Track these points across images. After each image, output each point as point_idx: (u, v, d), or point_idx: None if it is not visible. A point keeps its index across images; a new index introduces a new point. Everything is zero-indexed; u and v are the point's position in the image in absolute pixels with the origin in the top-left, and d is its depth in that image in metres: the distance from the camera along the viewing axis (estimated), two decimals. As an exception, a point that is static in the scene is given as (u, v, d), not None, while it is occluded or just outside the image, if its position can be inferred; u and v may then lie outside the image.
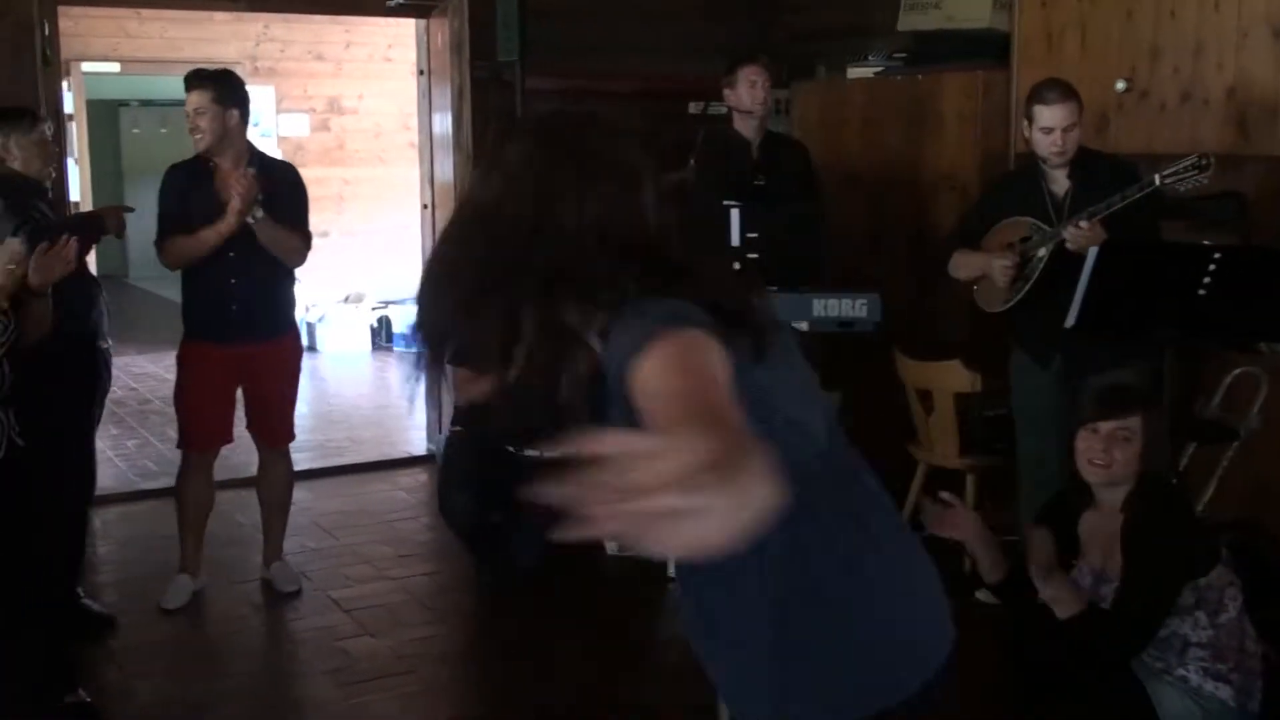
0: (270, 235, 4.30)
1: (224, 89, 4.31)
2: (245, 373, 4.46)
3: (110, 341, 4.43)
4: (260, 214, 4.24)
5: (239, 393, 4.53)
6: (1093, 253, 3.68)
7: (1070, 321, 3.77)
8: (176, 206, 4.33)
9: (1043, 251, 4.04)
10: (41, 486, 3.57)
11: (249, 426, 4.61)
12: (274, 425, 4.59)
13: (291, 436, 4.68)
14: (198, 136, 4.31)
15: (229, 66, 8.70)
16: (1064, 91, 4.02)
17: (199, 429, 4.48)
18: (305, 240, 4.45)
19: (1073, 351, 4.02)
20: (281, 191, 4.36)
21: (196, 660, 4.13)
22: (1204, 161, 3.65)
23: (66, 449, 3.99)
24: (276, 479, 4.67)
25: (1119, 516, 2.94)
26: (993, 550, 3.11)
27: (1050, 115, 4.01)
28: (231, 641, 4.30)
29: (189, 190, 4.33)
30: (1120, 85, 4.73)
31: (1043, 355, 4.19)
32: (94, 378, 4.28)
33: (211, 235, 4.24)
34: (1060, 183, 4.08)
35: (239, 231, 4.22)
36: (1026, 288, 4.10)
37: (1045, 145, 4.04)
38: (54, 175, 4.35)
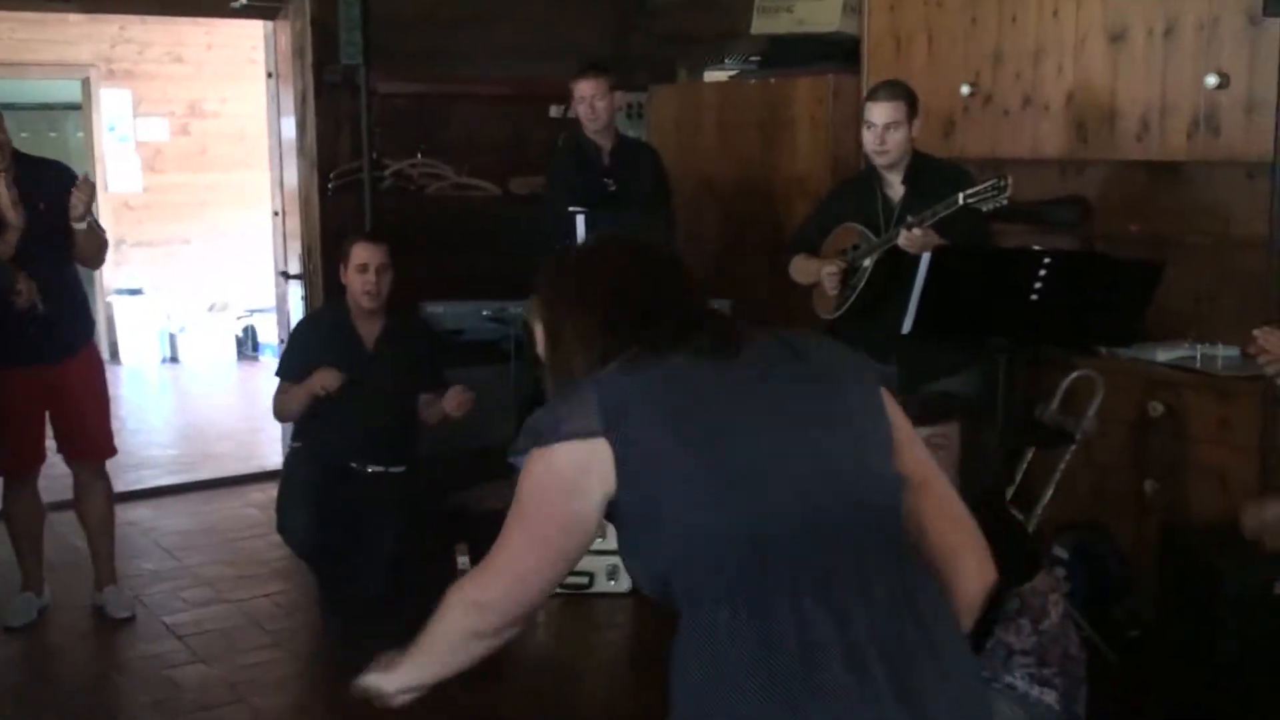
0: (94, 241, 4.15)
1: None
2: (50, 395, 4.24)
3: None
4: (91, 219, 4.06)
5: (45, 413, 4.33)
6: (926, 259, 3.67)
7: (906, 328, 3.76)
8: None
9: (868, 261, 4.02)
10: None
11: (59, 449, 4.41)
12: (87, 443, 4.39)
13: (109, 452, 4.48)
14: None
15: (83, 69, 8.44)
16: (890, 90, 4.03)
17: (18, 456, 4.30)
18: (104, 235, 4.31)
19: (904, 360, 4.01)
20: (67, 191, 4.05)
21: (13, 691, 3.93)
22: (1002, 183, 3.67)
23: None
24: (95, 499, 4.46)
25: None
26: None
27: (873, 111, 4.02)
28: (53, 672, 4.10)
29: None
30: (965, 90, 4.75)
31: (878, 360, 4.18)
32: None
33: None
34: (895, 188, 4.07)
35: (29, 245, 3.98)
36: (852, 297, 4.08)
37: (868, 142, 4.05)
38: None
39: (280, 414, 4.74)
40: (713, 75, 5.86)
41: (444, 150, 6.20)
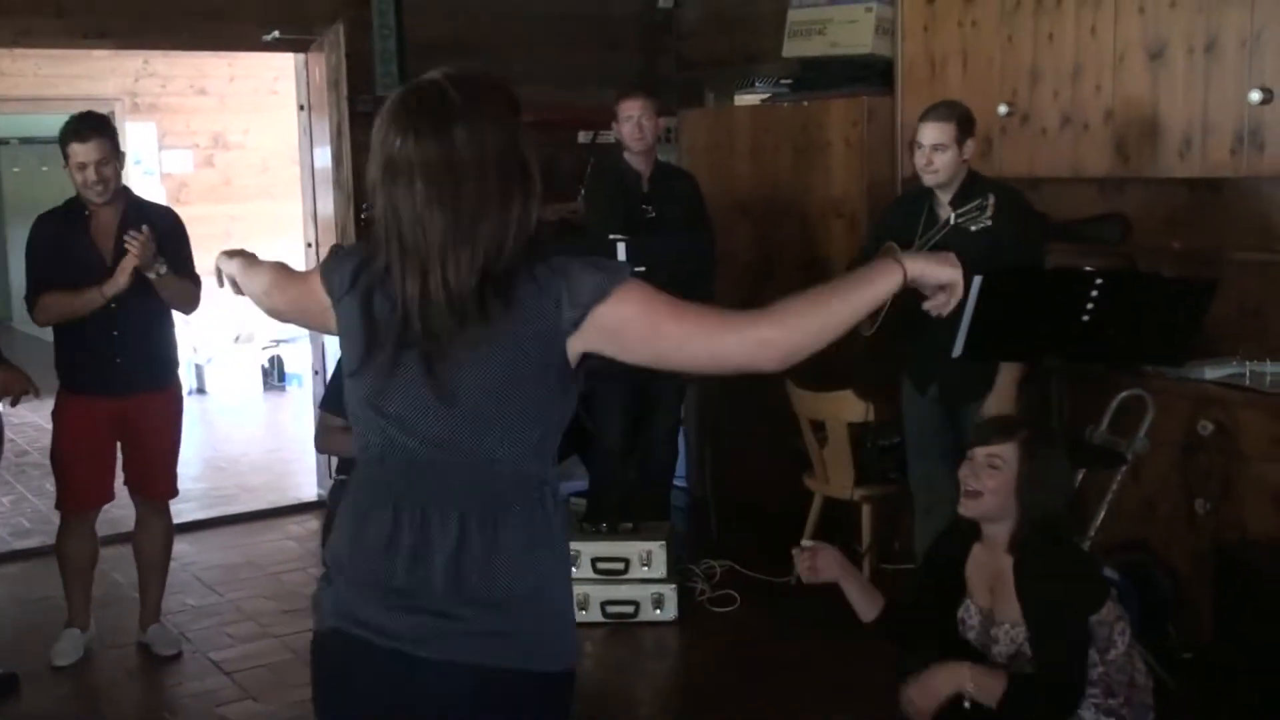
0: (173, 289, 4.17)
1: (115, 135, 4.17)
2: (126, 427, 4.27)
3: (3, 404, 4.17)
4: (164, 269, 4.09)
5: (118, 446, 4.34)
6: (977, 282, 3.64)
7: (957, 351, 3.74)
8: (53, 262, 4.14)
9: None
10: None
11: (127, 481, 4.41)
12: (155, 481, 4.39)
13: (174, 493, 4.49)
14: (99, 189, 4.09)
15: (109, 103, 8.50)
16: (940, 112, 4.04)
17: (78, 491, 4.29)
18: (198, 285, 4.30)
19: (949, 377, 4.00)
20: (167, 239, 4.17)
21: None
22: (984, 203, 3.77)
23: None
24: (155, 537, 4.47)
25: (1005, 557, 2.89)
26: (863, 588, 3.07)
27: (922, 132, 4.04)
28: (104, 712, 4.09)
29: (64, 241, 4.16)
30: (1003, 110, 4.73)
31: (920, 382, 4.19)
32: None
33: (96, 296, 4.07)
34: (944, 208, 4.06)
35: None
36: (880, 317, 4.07)
37: (916, 161, 4.07)
38: None
39: (325, 448, 4.72)
40: (743, 99, 5.85)
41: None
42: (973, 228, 3.80)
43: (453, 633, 1.79)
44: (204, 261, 4.46)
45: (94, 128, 4.09)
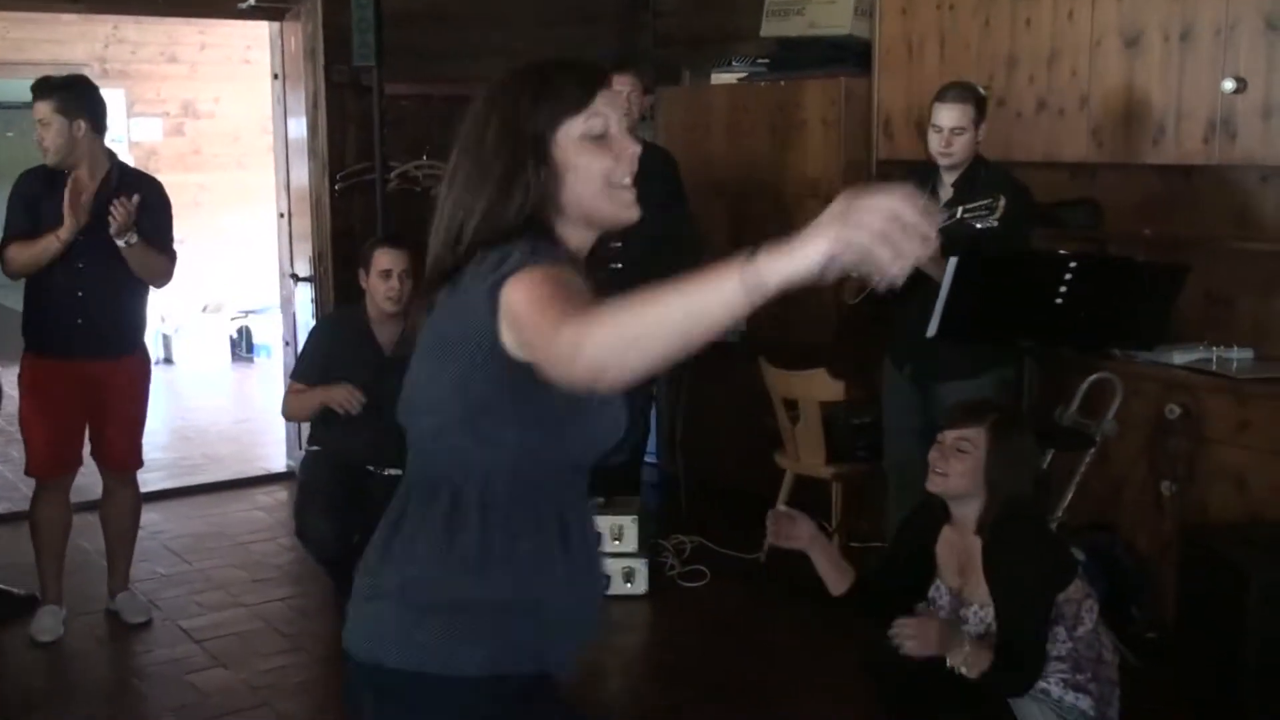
0: (141, 259, 4.13)
1: (69, 98, 4.10)
2: (90, 393, 4.24)
3: None
4: (135, 239, 4.06)
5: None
6: (952, 263, 3.68)
7: (931, 331, 3.77)
8: (24, 214, 4.14)
9: None
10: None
11: (93, 451, 4.38)
12: (120, 450, 4.37)
13: (139, 463, 4.46)
14: (45, 148, 4.10)
15: (77, 68, 8.40)
16: (959, 93, 3.98)
17: (41, 455, 4.26)
18: (172, 260, 4.28)
19: (923, 357, 4.03)
20: (147, 209, 4.12)
21: (35, 699, 3.90)
22: (993, 203, 3.68)
23: None
24: (122, 507, 4.44)
25: (974, 538, 2.93)
26: (834, 560, 3.09)
27: (940, 114, 3.97)
28: (75, 679, 4.07)
29: (41, 198, 4.12)
30: (982, 91, 4.75)
31: (897, 360, 4.21)
32: None
33: (53, 243, 4.04)
34: (946, 189, 4.04)
35: (91, 242, 4.03)
36: (866, 290, 4.10)
37: (933, 144, 4.00)
38: None
39: (291, 415, 4.71)
40: (720, 78, 5.86)
41: (448, 151, 6.16)
42: (978, 225, 3.76)
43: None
44: (178, 231, 4.46)
45: (42, 89, 4.10)
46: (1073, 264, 3.65)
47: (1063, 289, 3.66)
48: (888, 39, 5.13)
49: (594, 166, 1.74)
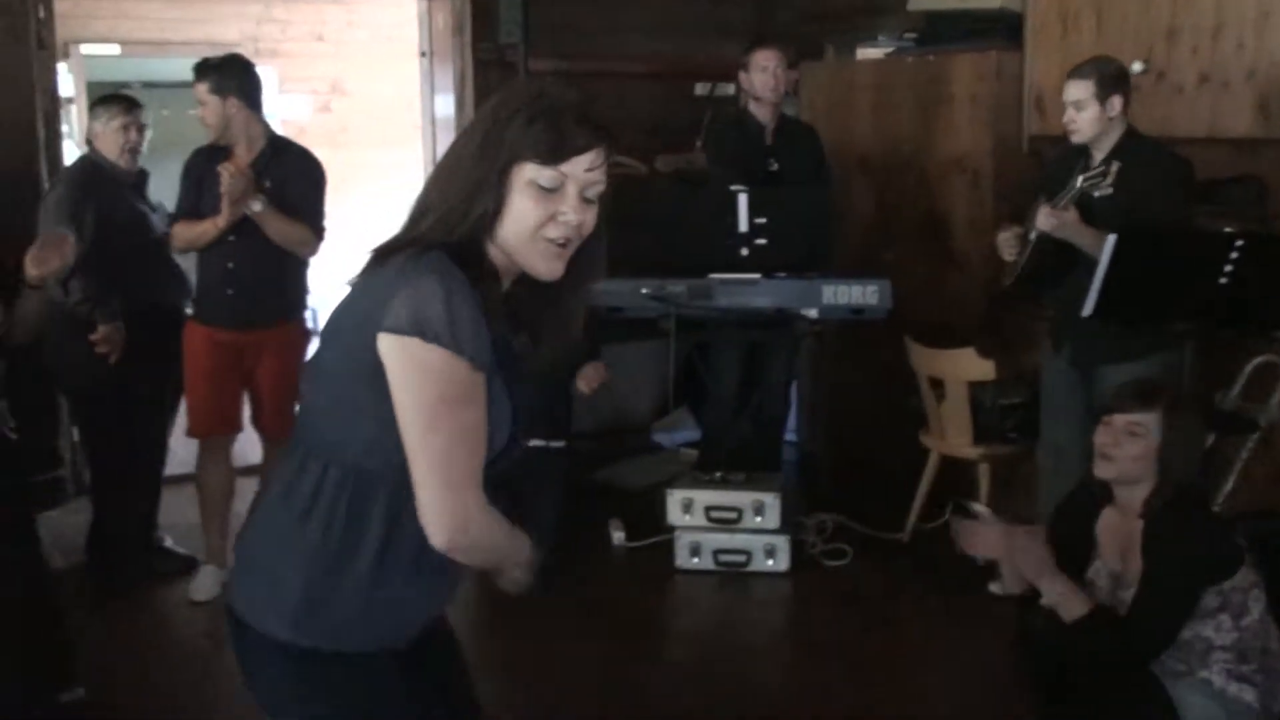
0: (274, 226, 4.25)
1: (221, 78, 4.27)
2: (244, 360, 4.40)
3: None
4: (258, 206, 4.19)
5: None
6: (1110, 240, 3.59)
7: (1087, 310, 3.70)
8: (190, 191, 4.36)
9: (1033, 234, 3.99)
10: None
11: (252, 417, 4.55)
12: (273, 416, 4.49)
13: (286, 433, 4.58)
14: (207, 127, 4.34)
15: (231, 48, 8.65)
16: (1082, 69, 3.96)
17: (200, 417, 4.44)
18: (315, 231, 4.40)
19: (1084, 339, 3.95)
20: (293, 179, 4.31)
21: (190, 656, 4.06)
22: (1105, 169, 3.76)
23: (146, 418, 4.50)
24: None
25: (1138, 521, 2.86)
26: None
27: (1065, 89, 3.97)
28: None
29: (204, 175, 4.31)
30: (1137, 67, 4.61)
31: (1058, 341, 4.13)
32: (173, 347, 4.44)
33: (209, 228, 4.25)
34: (1096, 165, 3.98)
35: (242, 216, 4.20)
36: (1018, 269, 4.05)
37: (1065, 119, 3.99)
38: (135, 166, 4.51)
39: None
40: (865, 53, 5.78)
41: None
42: (1095, 193, 3.78)
43: None
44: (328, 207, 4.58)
45: (199, 70, 4.31)
46: (1239, 243, 3.53)
47: (1227, 268, 3.54)
48: (1041, 12, 5.01)
49: (529, 214, 1.75)
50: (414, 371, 1.65)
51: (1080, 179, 3.82)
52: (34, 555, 3.57)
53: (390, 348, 1.66)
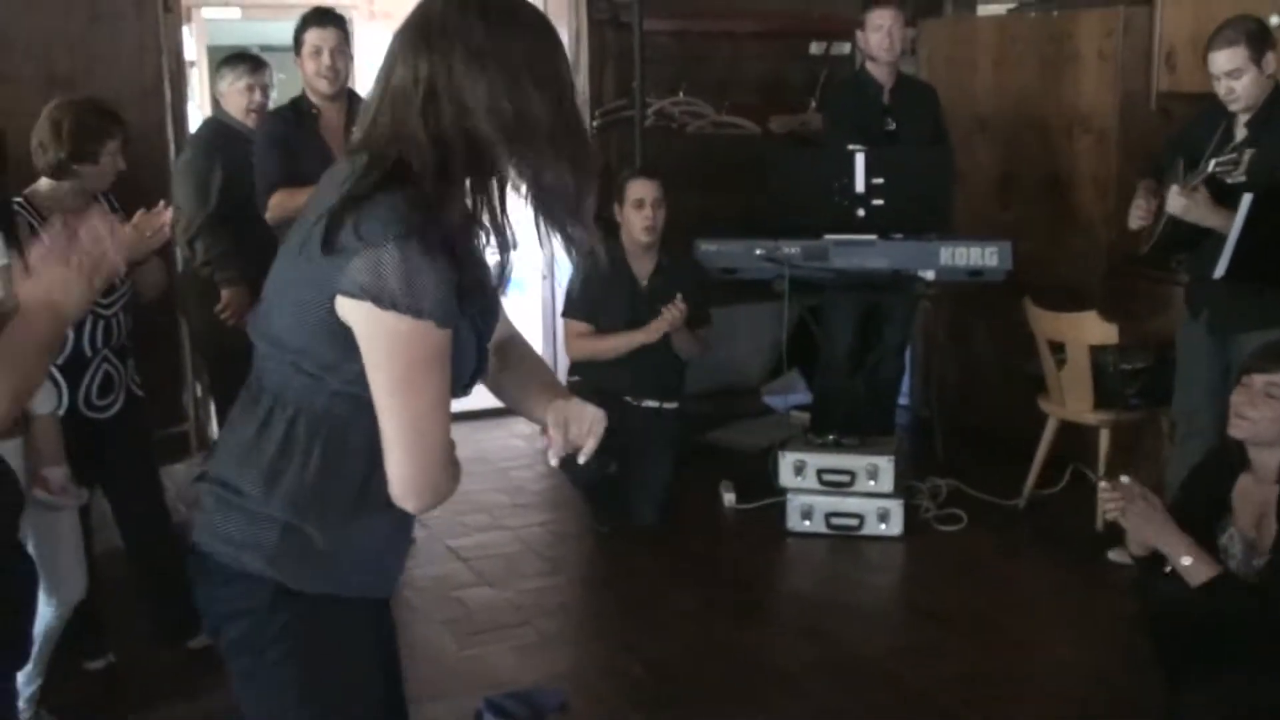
0: None
1: (349, 32, 4.31)
2: None
3: None
4: None
5: None
6: (1246, 200, 3.48)
7: (1219, 272, 3.59)
8: (279, 157, 4.15)
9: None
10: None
11: None
12: None
13: None
14: (330, 76, 4.17)
15: (345, 9, 8.74)
16: (1226, 35, 3.75)
17: None
18: None
19: (1221, 305, 3.82)
20: None
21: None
22: (1238, 157, 3.65)
23: None
24: None
25: (1274, 486, 2.77)
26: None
27: (1212, 62, 3.78)
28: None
29: (293, 139, 4.17)
30: (1275, 20, 4.44)
31: (1194, 305, 4.00)
32: None
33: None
34: (1240, 130, 3.82)
35: None
36: (1154, 237, 3.94)
37: (1219, 92, 3.80)
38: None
39: (580, 356, 4.83)
40: (986, 9, 5.66)
41: (703, 88, 6.20)
42: (1228, 180, 3.64)
43: None
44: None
45: (333, 18, 4.22)
46: (1384, 203, 3.39)
47: (1371, 230, 3.40)
48: (1173, -35, 4.84)
49: None
50: (380, 338, 1.62)
51: (1213, 163, 3.67)
52: (160, 506, 3.69)
53: (351, 311, 1.62)
